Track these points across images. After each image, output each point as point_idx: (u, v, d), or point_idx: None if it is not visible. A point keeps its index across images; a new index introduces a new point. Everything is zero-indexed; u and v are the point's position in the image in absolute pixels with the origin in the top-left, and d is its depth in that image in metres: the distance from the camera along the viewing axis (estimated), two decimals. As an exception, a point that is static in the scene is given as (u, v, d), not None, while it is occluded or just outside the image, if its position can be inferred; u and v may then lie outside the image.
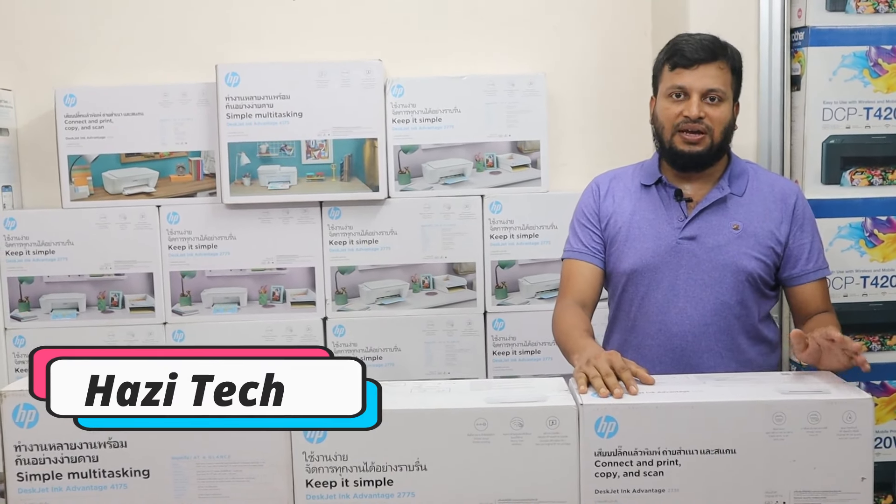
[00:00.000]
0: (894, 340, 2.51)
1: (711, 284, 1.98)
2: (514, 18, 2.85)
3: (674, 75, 1.97)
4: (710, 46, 1.96)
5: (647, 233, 2.02)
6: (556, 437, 1.54)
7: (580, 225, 2.11)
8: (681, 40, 1.99)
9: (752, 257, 1.98)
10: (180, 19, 2.82)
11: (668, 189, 2.04)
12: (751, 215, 2.00)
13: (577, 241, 2.10)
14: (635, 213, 2.04)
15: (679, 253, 1.99)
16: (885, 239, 2.47)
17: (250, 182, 2.67)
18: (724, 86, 1.96)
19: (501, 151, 2.73)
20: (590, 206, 2.11)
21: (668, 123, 1.98)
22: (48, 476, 1.58)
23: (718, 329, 1.99)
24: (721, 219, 1.99)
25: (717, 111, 1.95)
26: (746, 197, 2.02)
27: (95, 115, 2.69)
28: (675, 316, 1.99)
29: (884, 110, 2.45)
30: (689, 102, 1.94)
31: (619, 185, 2.10)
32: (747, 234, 1.99)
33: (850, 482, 1.54)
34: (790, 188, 2.07)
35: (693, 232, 1.99)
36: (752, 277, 1.99)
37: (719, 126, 1.95)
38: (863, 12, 2.43)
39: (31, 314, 2.72)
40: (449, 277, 2.75)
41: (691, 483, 1.54)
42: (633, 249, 2.02)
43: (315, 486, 1.56)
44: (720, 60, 1.96)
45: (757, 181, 2.05)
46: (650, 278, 2.00)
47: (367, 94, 2.66)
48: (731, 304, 1.98)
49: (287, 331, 2.74)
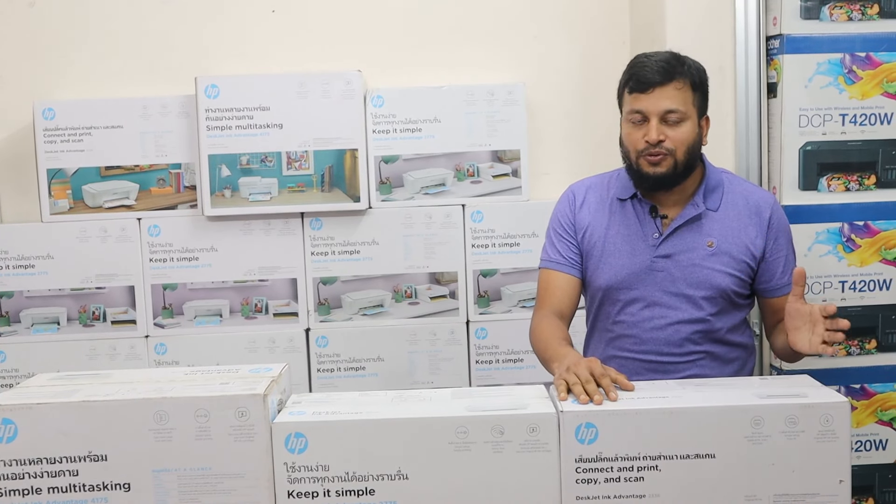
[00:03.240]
0: (873, 344, 2.53)
1: (686, 300, 1.97)
2: (493, 29, 2.86)
3: (632, 99, 1.94)
4: (665, 68, 1.92)
5: (622, 249, 2.01)
6: (537, 445, 1.54)
7: (556, 234, 2.10)
8: (637, 63, 1.96)
9: (726, 274, 1.97)
10: (159, 32, 2.82)
11: (643, 205, 2.02)
12: (725, 230, 1.99)
13: (555, 251, 2.09)
14: (610, 227, 2.03)
15: (654, 271, 1.98)
16: (863, 244, 2.49)
17: (231, 194, 2.67)
18: (684, 105, 1.92)
19: (482, 161, 2.74)
20: (566, 216, 2.09)
21: (631, 148, 1.96)
22: (28, 491, 1.56)
23: (694, 343, 1.99)
24: (696, 235, 1.98)
25: (678, 132, 1.92)
26: (721, 212, 2.00)
27: (75, 128, 2.68)
28: (652, 331, 1.99)
29: (859, 116, 2.47)
30: (648, 126, 1.92)
31: (594, 196, 2.09)
32: (721, 251, 1.98)
33: (829, 485, 1.55)
34: (765, 199, 2.04)
35: (668, 250, 1.98)
36: (727, 293, 1.99)
37: (682, 146, 1.92)
38: (836, 20, 2.45)
39: (12, 329, 2.70)
40: (431, 287, 2.75)
41: (672, 488, 1.55)
42: (609, 266, 2.01)
43: (297, 496, 1.56)
44: (677, 80, 1.91)
45: (732, 194, 2.03)
46: (626, 294, 2.00)
47: (347, 104, 2.66)
48: (706, 319, 1.99)
49: (270, 342, 2.73)
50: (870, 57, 2.45)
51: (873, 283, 2.51)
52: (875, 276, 2.51)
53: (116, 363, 2.70)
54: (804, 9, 2.45)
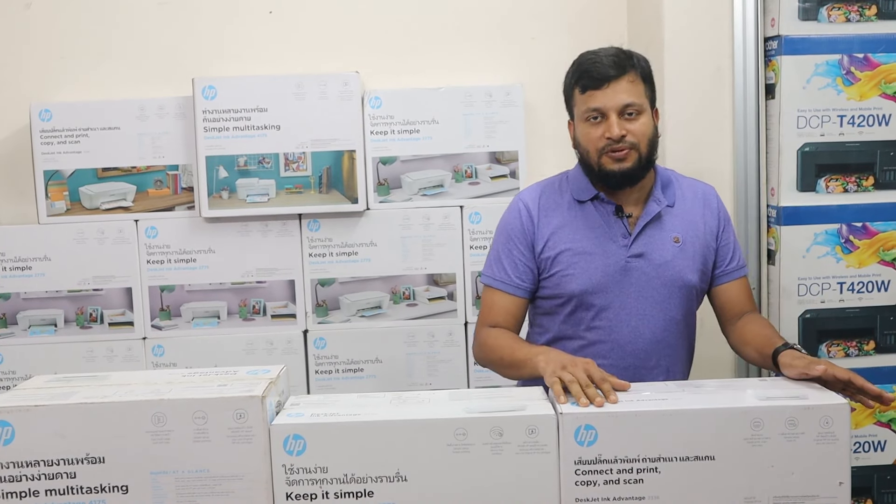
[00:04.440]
0: (871, 346, 2.53)
1: (661, 301, 1.96)
2: (491, 30, 2.86)
3: (586, 98, 1.91)
4: (616, 62, 1.89)
5: (592, 252, 1.96)
6: (536, 446, 1.54)
7: (506, 251, 2.01)
8: (586, 60, 1.93)
9: (695, 270, 1.98)
10: (156, 33, 2.82)
11: (606, 205, 1.98)
12: (686, 225, 1.99)
13: (502, 270, 2.01)
14: (576, 231, 1.98)
15: (628, 271, 1.95)
16: (861, 245, 2.49)
17: (229, 195, 2.66)
18: (639, 98, 1.90)
19: (480, 162, 2.74)
20: (517, 230, 2.01)
21: (591, 147, 1.92)
22: (25, 493, 1.56)
23: (668, 344, 1.98)
24: (661, 232, 1.97)
25: (637, 124, 1.90)
26: (678, 206, 2.00)
27: (71, 129, 2.68)
28: (628, 335, 1.96)
29: (857, 118, 2.47)
30: (608, 123, 1.89)
31: (549, 202, 2.02)
32: (687, 246, 1.98)
33: (828, 487, 1.55)
34: (710, 190, 2.07)
35: (640, 249, 1.96)
36: (695, 291, 1.99)
37: (643, 139, 1.91)
38: (835, 21, 2.46)
39: (9, 331, 2.70)
40: (429, 288, 2.75)
41: (671, 490, 1.55)
42: (582, 270, 1.96)
43: (295, 498, 1.55)
44: (629, 73, 1.89)
45: (681, 188, 2.03)
46: (601, 298, 1.96)
47: (345, 106, 2.66)
48: (678, 320, 1.99)
49: (268, 344, 2.73)
50: (868, 58, 2.45)
51: (871, 285, 2.51)
52: (873, 277, 2.51)
53: (114, 365, 2.70)
54: (802, 10, 2.45)
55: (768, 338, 1.87)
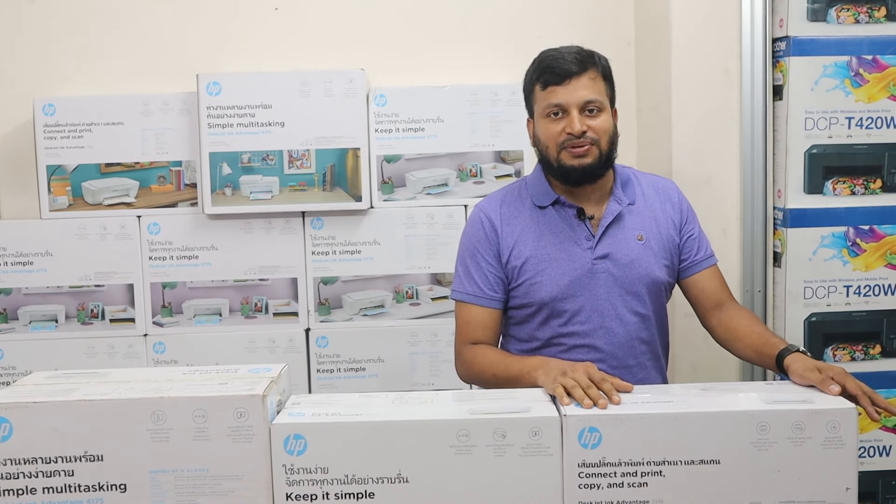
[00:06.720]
0: (877, 350, 2.51)
1: (631, 300, 1.95)
2: (496, 29, 2.85)
3: (547, 94, 1.91)
4: (578, 59, 1.89)
5: (558, 257, 1.95)
6: (539, 449, 1.52)
7: (474, 263, 2.00)
8: (547, 57, 1.93)
9: (661, 265, 1.98)
10: (161, 28, 2.81)
11: (567, 208, 1.97)
12: (648, 222, 1.99)
13: (473, 284, 2.00)
14: (540, 237, 1.97)
15: (595, 274, 1.94)
16: (868, 248, 2.48)
17: (232, 192, 2.65)
18: (600, 95, 1.90)
19: (485, 161, 2.72)
20: (482, 241, 2.00)
21: (551, 143, 1.92)
22: (22, 491, 1.54)
23: (643, 342, 1.98)
24: (624, 231, 1.97)
25: (598, 121, 1.89)
26: (639, 204, 2.00)
27: (75, 124, 2.66)
28: (603, 336, 1.95)
29: (865, 120, 2.46)
30: (569, 118, 1.88)
31: (509, 211, 2.01)
32: (651, 242, 1.97)
33: (835, 492, 1.53)
34: (670, 185, 2.07)
35: (605, 250, 1.95)
36: (664, 286, 1.99)
37: (604, 135, 1.90)
38: (843, 22, 2.44)
39: (10, 326, 2.69)
40: (433, 288, 2.73)
41: (676, 494, 1.53)
42: (549, 277, 1.94)
43: (295, 499, 1.54)
44: (590, 70, 1.90)
45: (640, 186, 2.03)
46: (571, 303, 1.94)
47: (350, 103, 2.65)
48: (650, 316, 1.98)
49: (270, 342, 2.71)
50: (877, 60, 2.43)
51: (878, 288, 2.49)
52: (880, 280, 2.49)
53: (115, 362, 2.69)
54: (811, 11, 2.43)
55: (766, 337, 1.87)
